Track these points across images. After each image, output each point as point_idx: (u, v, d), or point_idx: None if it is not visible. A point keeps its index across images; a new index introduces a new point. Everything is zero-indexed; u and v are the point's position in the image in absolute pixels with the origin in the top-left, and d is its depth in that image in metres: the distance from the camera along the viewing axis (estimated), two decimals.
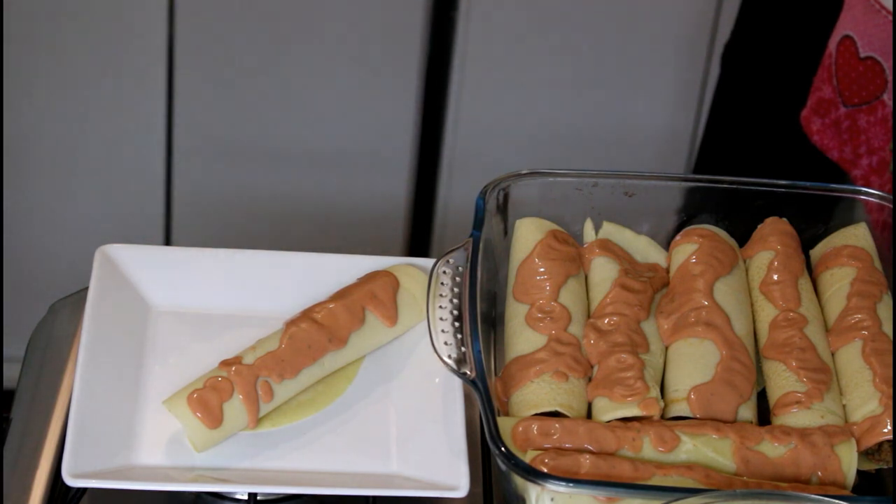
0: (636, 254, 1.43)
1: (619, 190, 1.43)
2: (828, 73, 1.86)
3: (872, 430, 1.28)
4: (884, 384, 1.30)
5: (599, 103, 2.80)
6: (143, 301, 1.40)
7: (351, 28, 2.51)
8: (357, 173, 2.68)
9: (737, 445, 1.24)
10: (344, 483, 1.27)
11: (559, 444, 1.24)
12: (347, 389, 1.36)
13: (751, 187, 1.44)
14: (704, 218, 1.44)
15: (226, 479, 1.27)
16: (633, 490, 1.19)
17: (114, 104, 2.43)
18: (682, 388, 1.30)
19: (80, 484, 1.23)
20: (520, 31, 2.66)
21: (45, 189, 2.48)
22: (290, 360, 1.31)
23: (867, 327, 1.34)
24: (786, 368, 1.32)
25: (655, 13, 2.68)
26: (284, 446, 1.30)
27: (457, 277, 1.34)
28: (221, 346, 1.35)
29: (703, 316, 1.34)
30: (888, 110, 1.79)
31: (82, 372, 1.29)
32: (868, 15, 1.78)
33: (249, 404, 1.28)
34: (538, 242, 1.40)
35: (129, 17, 2.36)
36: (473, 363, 1.26)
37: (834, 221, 1.45)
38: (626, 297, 1.36)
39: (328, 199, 2.71)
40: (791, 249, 1.41)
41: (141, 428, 1.30)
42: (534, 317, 1.34)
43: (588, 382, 1.31)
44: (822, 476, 1.24)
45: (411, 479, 1.28)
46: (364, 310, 1.35)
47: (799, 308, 1.36)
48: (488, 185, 1.40)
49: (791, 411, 1.29)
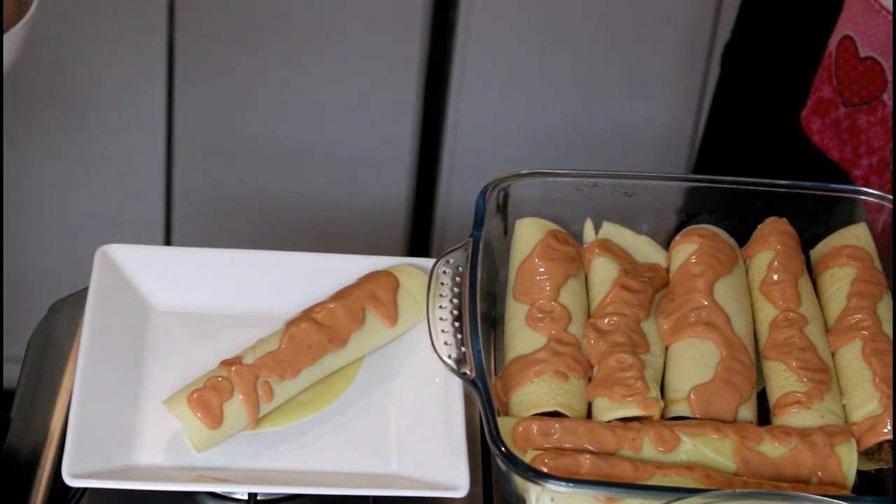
0: (636, 254, 1.43)
1: (619, 190, 1.43)
2: (828, 73, 1.86)
3: (872, 430, 1.28)
4: (884, 384, 1.30)
5: (599, 103, 2.80)
6: (143, 301, 1.40)
7: (351, 28, 2.51)
8: (357, 173, 2.68)
9: (737, 445, 1.24)
10: (344, 483, 1.27)
11: (559, 444, 1.24)
12: (347, 389, 1.36)
13: (751, 187, 1.44)
14: (704, 218, 1.44)
15: (226, 479, 1.27)
16: (633, 490, 1.19)
17: (114, 104, 2.43)
18: (682, 388, 1.30)
19: (80, 484, 1.23)
20: (520, 32, 2.66)
21: (45, 189, 2.48)
22: (290, 361, 1.31)
23: (867, 327, 1.34)
24: (786, 368, 1.32)
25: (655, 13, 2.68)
26: (284, 446, 1.30)
27: (457, 277, 1.34)
28: (221, 346, 1.35)
29: (703, 316, 1.34)
30: (888, 110, 1.79)
31: (82, 372, 1.29)
32: (868, 15, 1.78)
33: (249, 404, 1.28)
34: (538, 242, 1.40)
35: (129, 18, 2.36)
36: (473, 363, 1.26)
37: (834, 221, 1.45)
38: (626, 297, 1.36)
39: (328, 199, 2.71)
40: (791, 249, 1.41)
41: (141, 428, 1.30)
42: (534, 317, 1.34)
43: (588, 382, 1.31)
44: (822, 476, 1.24)
45: (411, 479, 1.28)
46: (364, 310, 1.35)
47: (799, 308, 1.36)
48: (488, 185, 1.40)
49: (791, 411, 1.29)
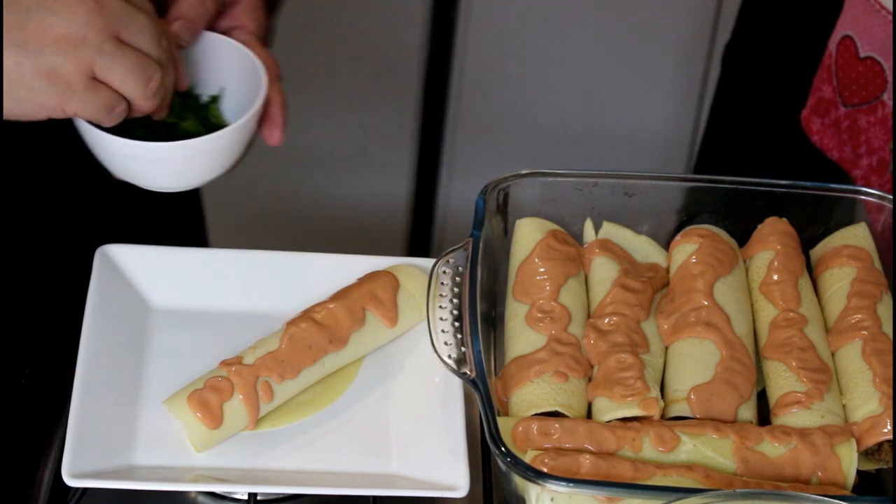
0: (636, 254, 1.43)
1: (619, 190, 1.43)
2: (828, 73, 1.86)
3: (872, 430, 1.28)
4: (884, 384, 1.30)
5: (599, 103, 2.80)
6: (143, 301, 1.40)
7: (351, 28, 2.51)
8: (357, 173, 2.69)
9: (737, 445, 1.24)
10: (344, 483, 1.27)
11: (559, 444, 1.24)
12: (347, 389, 1.36)
13: (751, 187, 1.44)
14: (704, 218, 1.44)
15: (226, 479, 1.27)
16: (633, 490, 1.19)
17: None
18: (682, 388, 1.30)
19: (80, 484, 1.23)
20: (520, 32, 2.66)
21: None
22: (291, 361, 1.31)
23: (867, 327, 1.34)
24: (786, 368, 1.32)
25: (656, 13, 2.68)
26: (284, 446, 1.30)
27: (457, 277, 1.34)
28: (221, 346, 1.35)
29: (703, 316, 1.34)
30: (888, 110, 1.79)
31: (82, 372, 1.29)
32: (868, 15, 1.78)
33: (249, 404, 1.28)
34: (538, 242, 1.40)
35: None
36: (473, 363, 1.26)
37: (834, 221, 1.45)
38: (626, 297, 1.36)
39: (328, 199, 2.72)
40: (791, 249, 1.41)
41: (141, 428, 1.30)
42: (534, 317, 1.34)
43: (588, 382, 1.31)
44: (822, 476, 1.24)
45: (411, 479, 1.28)
46: (364, 310, 1.35)
47: (799, 308, 1.36)
48: (488, 185, 1.40)
49: (791, 411, 1.29)
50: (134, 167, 1.31)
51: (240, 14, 1.36)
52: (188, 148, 1.29)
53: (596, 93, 2.77)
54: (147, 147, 1.28)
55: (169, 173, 1.32)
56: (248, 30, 1.36)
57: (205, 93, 1.39)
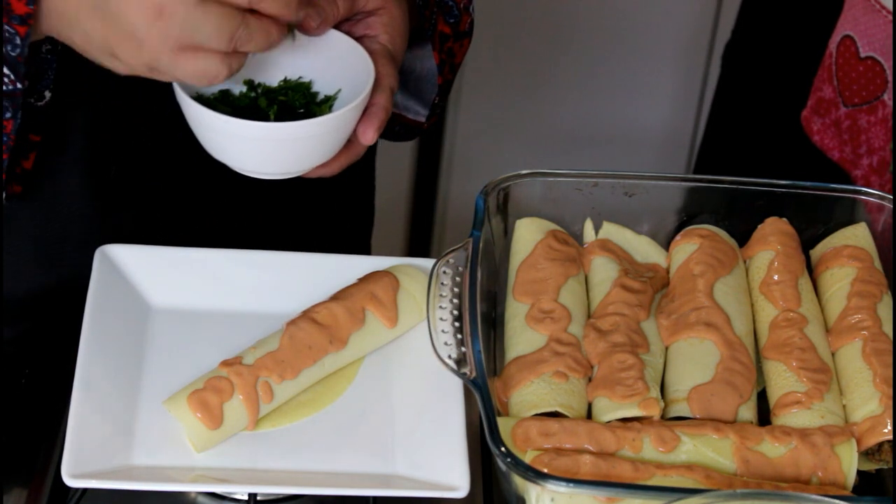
0: (636, 254, 1.43)
1: (619, 190, 1.43)
2: (828, 73, 1.86)
3: (872, 431, 1.28)
4: (884, 384, 1.30)
5: (600, 103, 2.80)
6: (143, 301, 1.40)
7: None
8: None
9: (737, 445, 1.24)
10: (344, 483, 1.27)
11: (559, 445, 1.24)
12: (347, 390, 1.36)
13: (751, 187, 1.44)
14: (704, 218, 1.44)
15: (226, 479, 1.27)
16: (633, 490, 1.19)
17: None
18: (682, 388, 1.30)
19: (79, 484, 1.23)
20: (520, 32, 2.66)
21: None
22: (291, 361, 1.31)
23: (867, 327, 1.34)
24: (786, 368, 1.32)
25: (656, 13, 2.68)
26: (284, 446, 1.30)
27: (457, 277, 1.34)
28: (221, 346, 1.35)
29: (703, 316, 1.34)
30: (888, 110, 1.79)
31: (82, 372, 1.29)
32: (868, 15, 1.78)
33: (249, 404, 1.28)
34: (538, 242, 1.40)
35: None
36: (473, 363, 1.26)
37: (834, 221, 1.45)
38: (626, 298, 1.36)
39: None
40: (791, 249, 1.41)
41: (141, 428, 1.30)
42: (534, 317, 1.34)
43: (588, 382, 1.31)
44: (823, 476, 1.24)
45: (411, 479, 1.28)
46: (364, 310, 1.35)
47: (799, 308, 1.36)
48: (488, 185, 1.40)
49: (791, 411, 1.29)
50: (228, 145, 1.30)
51: (375, 24, 1.36)
52: (282, 130, 1.28)
53: (596, 93, 2.77)
54: (242, 125, 1.27)
55: (261, 156, 1.31)
56: (379, 41, 1.36)
57: (322, 91, 1.38)
